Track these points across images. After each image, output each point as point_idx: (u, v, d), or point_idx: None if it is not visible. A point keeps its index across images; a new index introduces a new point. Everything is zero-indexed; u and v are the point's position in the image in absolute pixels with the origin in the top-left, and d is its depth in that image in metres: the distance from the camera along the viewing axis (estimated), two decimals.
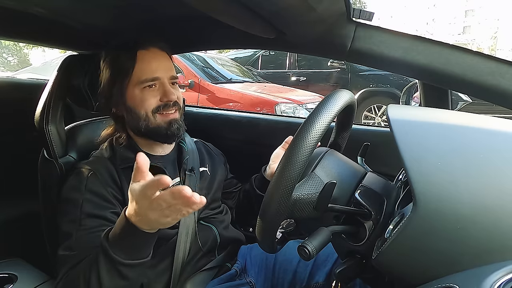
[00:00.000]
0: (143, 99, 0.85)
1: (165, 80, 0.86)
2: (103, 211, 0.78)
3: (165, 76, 0.86)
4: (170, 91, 0.86)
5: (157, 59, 0.87)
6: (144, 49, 0.86)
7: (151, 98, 0.85)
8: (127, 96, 0.86)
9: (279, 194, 0.53)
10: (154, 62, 0.86)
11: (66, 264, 0.71)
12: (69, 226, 0.76)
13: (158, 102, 0.86)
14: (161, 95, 0.86)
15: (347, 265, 0.60)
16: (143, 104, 0.85)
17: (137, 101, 0.85)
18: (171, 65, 0.90)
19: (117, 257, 0.62)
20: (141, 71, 0.85)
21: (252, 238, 0.82)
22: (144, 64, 0.85)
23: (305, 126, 0.54)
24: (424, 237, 0.47)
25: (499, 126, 0.54)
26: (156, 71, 0.85)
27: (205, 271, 0.90)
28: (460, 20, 53.00)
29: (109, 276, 0.63)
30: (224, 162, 1.12)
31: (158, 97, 0.86)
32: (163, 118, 0.87)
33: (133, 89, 0.85)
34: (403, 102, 1.19)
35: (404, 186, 0.65)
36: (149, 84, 0.85)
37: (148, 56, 0.86)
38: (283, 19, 0.73)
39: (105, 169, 0.83)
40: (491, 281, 0.38)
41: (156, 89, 0.86)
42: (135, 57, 0.84)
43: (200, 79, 3.63)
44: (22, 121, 1.08)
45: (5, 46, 14.81)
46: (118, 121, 0.91)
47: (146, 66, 0.85)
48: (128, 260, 0.63)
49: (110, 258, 0.62)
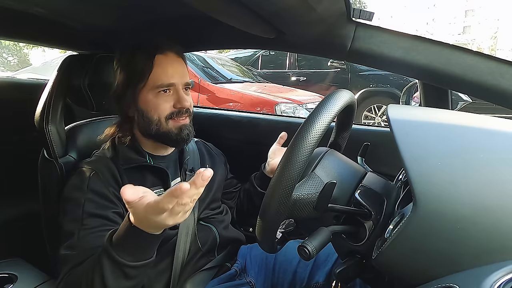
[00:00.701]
0: (157, 104, 0.84)
1: (179, 86, 0.86)
2: (105, 211, 0.78)
3: (180, 83, 0.86)
4: (184, 97, 0.85)
5: (174, 65, 0.86)
6: (161, 54, 0.85)
7: (165, 104, 0.85)
8: (141, 99, 0.85)
9: (279, 194, 0.53)
10: (170, 68, 0.85)
11: (68, 263, 0.71)
12: (71, 225, 0.76)
13: (172, 109, 0.85)
14: (175, 101, 0.85)
15: (347, 265, 0.60)
16: (157, 109, 0.85)
17: (151, 106, 0.85)
18: (186, 71, 0.90)
19: (121, 259, 0.61)
20: (157, 76, 0.84)
21: (252, 238, 0.82)
22: (160, 69, 0.84)
23: (305, 126, 0.54)
24: (424, 237, 0.47)
25: (499, 126, 0.54)
26: (172, 77, 0.84)
27: (205, 271, 0.90)
28: (460, 20, 52.99)
29: (113, 277, 0.63)
30: (224, 162, 1.12)
31: (172, 103, 0.85)
32: (174, 123, 0.86)
33: (147, 93, 0.84)
34: (403, 102, 1.19)
35: (404, 186, 0.65)
36: (164, 89, 0.84)
37: (166, 61, 0.85)
38: (283, 19, 0.73)
39: (107, 169, 0.83)
40: (491, 281, 0.38)
41: (171, 95, 0.85)
42: (153, 61, 0.83)
43: (200, 79, 3.62)
44: (22, 121, 1.08)
45: (5, 46, 14.81)
46: (127, 121, 0.90)
47: (162, 71, 0.84)
48: (133, 262, 0.62)
49: (114, 261, 0.62)
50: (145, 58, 0.83)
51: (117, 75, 0.88)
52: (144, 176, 0.87)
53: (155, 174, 0.88)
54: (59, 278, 0.72)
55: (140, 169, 0.87)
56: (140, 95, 0.85)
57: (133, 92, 0.85)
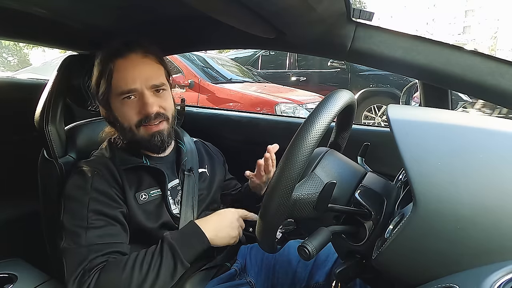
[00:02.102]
0: (123, 112, 0.82)
1: (144, 91, 0.80)
2: (110, 210, 0.78)
3: (144, 87, 0.80)
4: (148, 103, 0.80)
5: (136, 68, 0.80)
6: (121, 58, 0.80)
7: (130, 111, 0.81)
8: (112, 106, 0.84)
9: (279, 194, 0.53)
10: (130, 71, 0.80)
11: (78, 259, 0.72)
12: (75, 224, 0.75)
13: (139, 115, 0.81)
14: (140, 108, 0.81)
15: (347, 265, 0.60)
16: (125, 117, 0.82)
17: (120, 113, 0.83)
18: (155, 72, 0.83)
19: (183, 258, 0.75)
20: (117, 82, 0.80)
21: (252, 238, 0.82)
22: (120, 74, 0.80)
23: (305, 126, 0.54)
24: (424, 237, 0.47)
25: (499, 126, 0.54)
26: (132, 82, 0.79)
27: (204, 270, 0.90)
28: (460, 20, 52.99)
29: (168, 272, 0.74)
30: (223, 162, 1.12)
31: (137, 109, 0.81)
32: (146, 130, 0.83)
33: (114, 100, 0.82)
34: (403, 102, 1.19)
35: (404, 186, 0.65)
36: (126, 96, 0.80)
37: (125, 66, 0.80)
38: (283, 19, 0.73)
39: (107, 169, 0.83)
40: (491, 281, 0.38)
41: (136, 101, 0.81)
42: (112, 66, 0.80)
43: (200, 79, 3.62)
44: (22, 121, 1.08)
45: (5, 46, 14.81)
46: (112, 126, 0.90)
47: (121, 77, 0.80)
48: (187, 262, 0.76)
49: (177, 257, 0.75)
50: (106, 64, 0.81)
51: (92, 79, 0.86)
52: (141, 176, 0.87)
53: (152, 175, 0.88)
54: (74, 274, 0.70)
55: (137, 170, 0.87)
56: (111, 103, 0.83)
57: (106, 99, 0.83)
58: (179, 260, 0.75)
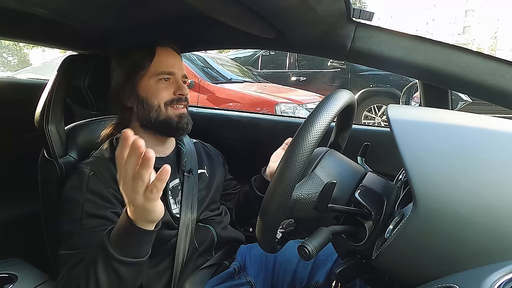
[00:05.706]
0: (158, 90, 0.89)
1: (179, 76, 0.92)
2: (104, 211, 0.78)
3: (179, 73, 0.92)
4: (183, 86, 0.91)
5: (174, 57, 0.93)
6: (162, 46, 0.91)
7: (164, 91, 0.89)
8: (141, 86, 0.89)
9: (279, 194, 0.53)
10: (171, 58, 0.92)
11: (67, 263, 0.72)
12: (70, 225, 0.76)
13: (172, 96, 0.90)
14: (174, 89, 0.90)
15: (347, 265, 0.60)
16: (157, 95, 0.89)
17: (151, 92, 0.89)
18: (183, 66, 0.96)
19: (113, 252, 0.63)
20: (158, 64, 0.89)
21: (252, 238, 0.82)
22: (162, 58, 0.90)
23: (305, 126, 0.54)
24: (424, 237, 0.47)
25: (499, 126, 0.54)
26: (173, 66, 0.91)
27: (203, 269, 0.90)
28: (460, 20, 52.99)
29: (105, 272, 0.64)
30: (223, 163, 1.12)
31: (171, 91, 0.90)
32: (174, 111, 0.90)
33: (148, 80, 0.89)
34: (403, 102, 1.19)
35: (404, 186, 0.65)
36: (165, 77, 0.89)
37: (166, 52, 0.92)
38: (283, 19, 0.73)
39: (106, 170, 0.83)
40: (491, 281, 0.38)
41: (170, 83, 0.91)
42: (154, 51, 0.90)
43: (200, 79, 3.62)
44: (22, 121, 1.08)
45: (5, 46, 14.82)
46: (126, 112, 0.92)
47: (163, 60, 0.90)
48: (123, 257, 0.63)
49: (107, 253, 0.63)
50: (146, 50, 0.90)
51: (115, 71, 0.92)
52: None
53: None
54: (58, 278, 0.72)
55: None
56: (141, 83, 0.89)
57: (133, 82, 0.89)
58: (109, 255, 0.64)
